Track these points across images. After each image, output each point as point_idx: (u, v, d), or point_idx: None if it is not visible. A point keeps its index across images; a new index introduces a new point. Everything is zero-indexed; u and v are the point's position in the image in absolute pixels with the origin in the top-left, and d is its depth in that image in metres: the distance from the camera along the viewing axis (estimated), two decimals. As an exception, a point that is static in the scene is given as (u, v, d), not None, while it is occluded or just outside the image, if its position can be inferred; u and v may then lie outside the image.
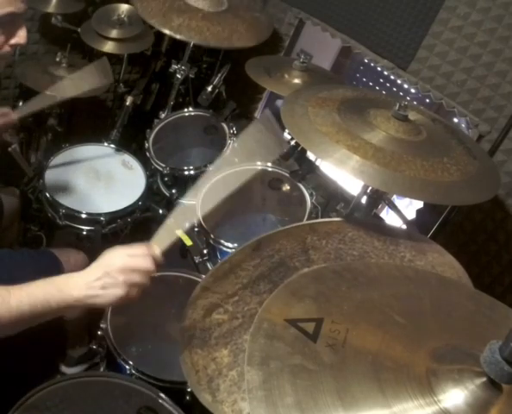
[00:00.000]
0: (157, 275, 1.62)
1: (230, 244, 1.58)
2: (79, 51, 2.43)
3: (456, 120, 1.86)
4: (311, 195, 1.66)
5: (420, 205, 1.80)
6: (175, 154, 2.11)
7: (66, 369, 1.76)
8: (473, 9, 1.57)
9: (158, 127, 2.07)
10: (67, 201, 1.80)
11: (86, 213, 1.79)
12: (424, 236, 1.30)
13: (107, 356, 1.45)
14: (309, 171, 1.67)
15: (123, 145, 2.10)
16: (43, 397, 1.15)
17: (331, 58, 2.48)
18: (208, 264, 1.66)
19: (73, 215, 1.79)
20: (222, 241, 1.59)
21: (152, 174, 2.01)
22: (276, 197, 1.83)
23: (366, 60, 1.97)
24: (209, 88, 2.01)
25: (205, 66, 2.35)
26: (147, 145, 2.00)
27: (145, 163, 2.01)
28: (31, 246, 1.98)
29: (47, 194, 1.81)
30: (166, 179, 1.94)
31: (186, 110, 2.12)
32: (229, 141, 1.94)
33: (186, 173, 1.91)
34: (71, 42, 2.21)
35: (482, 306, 0.87)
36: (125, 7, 2.23)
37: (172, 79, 2.15)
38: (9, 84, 2.36)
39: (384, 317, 0.79)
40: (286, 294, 0.85)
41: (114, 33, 2.17)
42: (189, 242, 1.73)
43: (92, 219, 1.80)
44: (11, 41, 1.12)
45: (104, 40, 2.18)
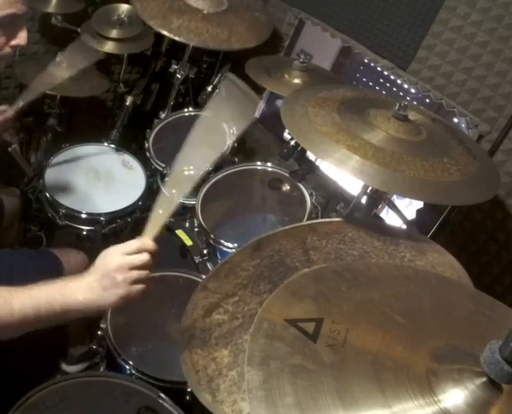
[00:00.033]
0: (157, 275, 1.63)
1: (230, 244, 1.58)
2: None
3: (456, 120, 1.86)
4: (311, 195, 1.66)
5: (420, 205, 1.80)
6: (175, 154, 2.10)
7: (67, 367, 1.76)
8: (473, 9, 1.57)
9: (158, 127, 2.07)
10: (67, 201, 1.80)
11: (86, 213, 1.79)
12: (424, 236, 1.30)
13: (107, 356, 1.45)
14: (309, 171, 1.67)
15: (123, 145, 2.10)
16: (43, 397, 1.15)
17: (331, 58, 2.48)
18: (208, 264, 1.66)
19: (73, 215, 1.79)
20: (222, 241, 1.59)
21: (152, 174, 2.01)
22: (276, 197, 1.83)
23: (366, 60, 1.97)
24: (209, 88, 2.01)
25: (205, 66, 2.35)
26: (147, 145, 2.00)
27: (145, 163, 2.01)
28: (31, 246, 1.98)
29: (47, 194, 1.81)
30: (166, 179, 1.93)
31: (186, 110, 2.12)
32: (229, 141, 1.94)
33: (186, 173, 1.91)
34: (71, 42, 2.20)
35: (482, 306, 0.87)
36: (125, 7, 2.23)
37: (172, 79, 2.15)
38: (9, 84, 2.36)
39: (384, 317, 0.79)
40: (286, 294, 0.85)
41: (114, 33, 2.17)
42: (189, 242, 1.73)
43: (92, 219, 1.80)
44: (12, 43, 1.13)
45: (104, 40, 2.18)
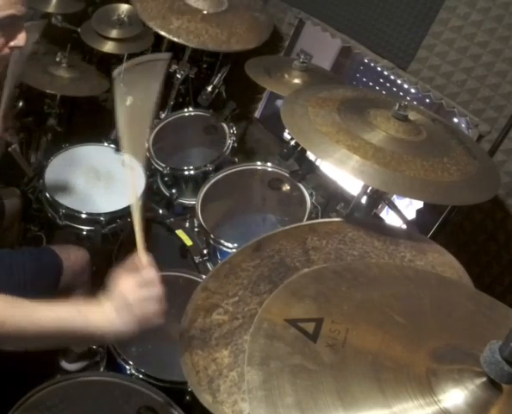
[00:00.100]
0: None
1: (230, 244, 1.58)
2: (79, 51, 2.43)
3: (456, 120, 1.86)
4: (311, 195, 1.66)
5: (420, 205, 1.80)
6: (175, 154, 2.11)
7: (67, 365, 1.76)
8: (473, 9, 1.57)
9: (158, 127, 2.07)
10: (67, 201, 1.80)
11: (86, 213, 1.79)
12: (424, 236, 1.30)
13: (107, 356, 1.45)
14: (309, 171, 1.67)
15: (123, 145, 2.09)
16: (43, 397, 1.15)
17: (331, 58, 2.48)
18: (208, 264, 1.66)
19: (73, 215, 1.79)
20: (222, 241, 1.59)
21: (152, 174, 2.01)
22: (276, 197, 1.83)
23: (366, 60, 1.97)
24: (209, 88, 2.01)
25: (205, 66, 2.35)
26: (147, 145, 2.00)
27: (145, 163, 2.01)
28: (31, 246, 1.97)
29: (47, 194, 1.81)
30: (166, 179, 1.94)
31: (186, 110, 2.12)
32: (229, 141, 1.95)
33: (186, 173, 1.91)
34: (71, 42, 2.21)
35: (482, 306, 0.87)
36: (125, 7, 2.23)
37: (172, 79, 2.15)
38: (9, 84, 2.36)
39: (384, 317, 0.79)
40: (286, 294, 0.85)
41: (114, 33, 2.17)
42: (189, 242, 1.73)
43: (92, 219, 1.80)
44: (11, 44, 1.12)
45: (104, 40, 2.18)
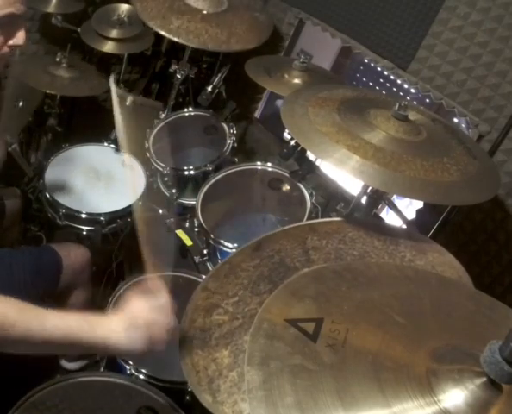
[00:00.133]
0: (157, 275, 1.63)
1: (230, 244, 1.58)
2: (79, 51, 2.43)
3: (456, 120, 1.86)
4: (311, 195, 1.66)
5: (420, 205, 1.80)
6: (175, 154, 2.11)
7: (66, 364, 1.76)
8: (473, 9, 1.57)
9: (158, 127, 2.07)
10: (67, 201, 1.80)
11: (86, 213, 1.79)
12: (424, 236, 1.29)
13: (107, 356, 1.45)
14: (309, 171, 1.67)
15: (123, 145, 2.09)
16: (43, 397, 1.15)
17: (331, 58, 2.48)
18: (208, 264, 1.66)
19: (73, 215, 1.79)
20: (222, 241, 1.59)
21: (152, 174, 2.01)
22: (276, 197, 1.83)
23: (366, 60, 1.97)
24: (209, 88, 2.00)
25: (205, 66, 2.35)
26: (147, 145, 2.00)
27: (145, 163, 2.01)
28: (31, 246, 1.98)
29: (47, 194, 1.81)
30: (166, 179, 1.94)
31: (186, 110, 2.12)
32: (229, 141, 1.94)
33: (186, 173, 1.91)
34: (71, 42, 2.21)
35: (482, 306, 0.87)
36: (125, 7, 2.23)
37: (172, 79, 2.15)
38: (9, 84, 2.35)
39: (384, 317, 0.79)
40: (286, 294, 0.85)
41: (114, 33, 2.17)
42: (189, 242, 1.73)
43: (92, 219, 1.80)
44: (10, 42, 1.12)
45: (104, 40, 2.18)
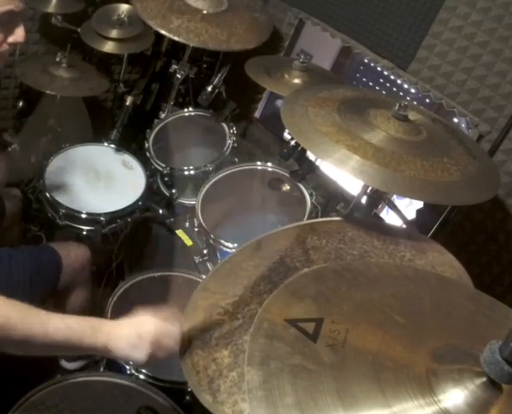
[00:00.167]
0: (157, 275, 1.63)
1: (230, 244, 1.58)
2: (79, 51, 2.43)
3: (456, 120, 1.86)
4: (311, 195, 1.66)
5: (420, 205, 1.80)
6: (175, 154, 2.11)
7: (66, 364, 1.76)
8: (473, 9, 1.57)
9: (158, 127, 2.08)
10: (67, 201, 1.80)
11: (86, 213, 1.79)
12: (424, 236, 1.30)
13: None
14: (309, 171, 1.67)
15: (123, 145, 2.09)
16: (43, 397, 1.15)
17: (331, 58, 2.48)
18: (208, 264, 1.66)
19: (73, 215, 1.79)
20: (222, 241, 1.59)
21: (152, 174, 2.01)
22: (276, 197, 1.83)
23: (366, 60, 1.97)
24: (209, 88, 2.00)
25: (205, 66, 2.35)
26: (147, 145, 2.00)
27: (145, 163, 2.01)
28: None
29: (47, 194, 1.81)
30: (166, 179, 1.94)
31: (186, 110, 2.12)
32: (229, 141, 1.95)
33: (186, 173, 1.91)
34: (71, 42, 2.21)
35: (482, 306, 0.87)
36: (125, 7, 2.23)
37: (172, 79, 2.15)
38: (9, 84, 2.36)
39: (384, 317, 0.79)
40: (286, 294, 0.85)
41: (114, 33, 2.17)
42: (189, 242, 1.73)
43: (92, 219, 1.80)
44: (9, 40, 1.12)
45: (104, 40, 2.18)
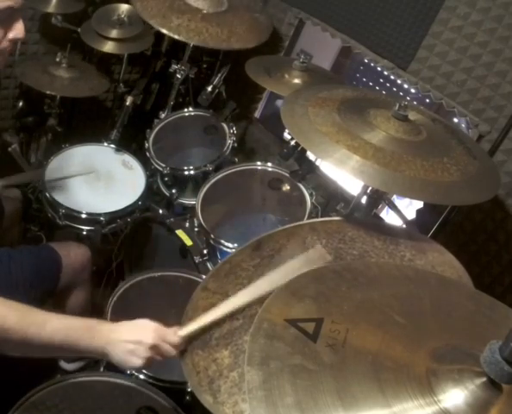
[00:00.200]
0: (157, 275, 1.63)
1: (230, 244, 1.58)
2: (79, 51, 2.43)
3: (456, 120, 1.86)
4: (311, 195, 1.66)
5: (420, 205, 1.80)
6: (175, 154, 2.11)
7: (66, 365, 1.76)
8: (473, 9, 1.57)
9: (158, 127, 2.08)
10: (67, 201, 1.80)
11: (86, 213, 1.79)
12: (424, 235, 1.30)
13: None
14: (309, 171, 1.67)
15: (123, 145, 2.10)
16: (43, 397, 1.15)
17: (331, 58, 2.48)
18: (208, 264, 1.66)
19: (73, 215, 1.79)
20: (222, 241, 1.60)
21: (152, 174, 2.01)
22: (276, 197, 1.83)
23: (366, 60, 1.97)
24: (209, 88, 2.01)
25: (205, 66, 2.35)
26: (147, 145, 2.00)
27: (145, 163, 2.01)
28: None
29: (47, 194, 1.81)
30: (166, 179, 1.94)
31: (186, 110, 2.12)
32: (229, 141, 1.95)
33: (186, 173, 1.91)
34: (71, 42, 2.21)
35: (482, 306, 0.87)
36: (125, 7, 2.23)
37: (172, 79, 2.15)
38: (9, 84, 2.36)
39: (384, 317, 0.79)
40: (286, 294, 0.84)
41: (114, 33, 2.17)
42: (189, 242, 1.73)
43: (92, 219, 1.80)
44: (10, 36, 1.11)
45: (104, 40, 2.18)
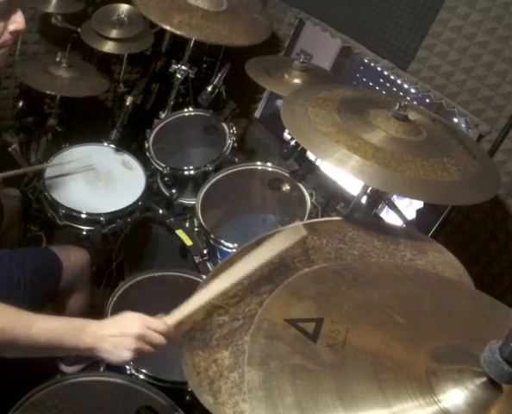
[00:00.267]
0: (157, 275, 1.63)
1: (230, 244, 1.58)
2: (79, 51, 2.43)
3: (456, 120, 1.86)
4: (311, 195, 1.66)
5: (420, 205, 1.80)
6: (175, 154, 2.11)
7: (66, 368, 1.76)
8: (473, 9, 1.57)
9: (158, 127, 2.07)
10: (67, 201, 1.80)
11: (86, 213, 1.79)
12: (424, 235, 1.29)
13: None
14: (309, 171, 1.67)
15: (123, 145, 2.09)
16: (43, 397, 1.15)
17: (331, 58, 2.48)
18: (208, 264, 1.66)
19: (73, 215, 1.79)
20: (222, 241, 1.59)
21: (152, 174, 2.01)
22: (276, 197, 1.83)
23: (366, 60, 1.97)
24: (209, 88, 2.00)
25: (205, 66, 2.35)
26: (147, 145, 2.00)
27: (145, 163, 2.01)
28: (31, 246, 1.97)
29: (47, 194, 1.81)
30: (166, 179, 1.94)
31: (186, 110, 2.12)
32: (229, 141, 1.95)
33: (186, 173, 1.91)
34: (71, 42, 2.21)
35: (482, 306, 0.87)
36: (125, 7, 2.23)
37: (172, 79, 2.15)
38: (9, 84, 2.36)
39: (384, 317, 0.79)
40: (286, 294, 0.85)
41: (114, 33, 2.17)
42: (189, 242, 1.73)
43: (92, 219, 1.80)
44: (10, 28, 1.11)
45: (104, 40, 2.18)
